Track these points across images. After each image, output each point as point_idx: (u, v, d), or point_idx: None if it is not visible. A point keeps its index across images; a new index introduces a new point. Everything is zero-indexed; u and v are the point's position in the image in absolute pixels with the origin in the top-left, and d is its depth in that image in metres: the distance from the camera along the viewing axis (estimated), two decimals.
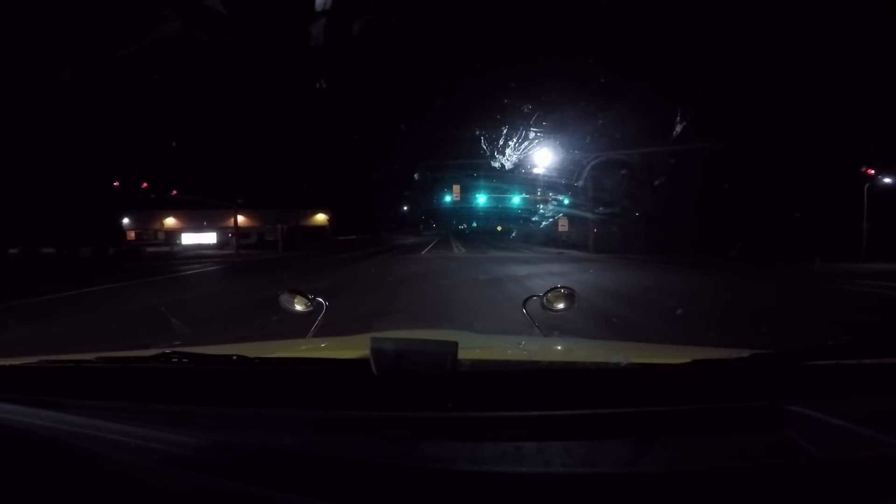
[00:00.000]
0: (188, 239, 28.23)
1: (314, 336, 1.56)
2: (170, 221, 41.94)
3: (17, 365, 0.97)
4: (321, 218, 45.87)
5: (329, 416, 0.78)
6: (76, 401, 0.83)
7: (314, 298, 1.55)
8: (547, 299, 1.53)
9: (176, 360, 0.91)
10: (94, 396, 0.87)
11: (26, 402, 0.78)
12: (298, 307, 1.54)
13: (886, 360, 0.84)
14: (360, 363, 0.80)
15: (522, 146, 22.71)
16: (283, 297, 1.55)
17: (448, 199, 25.24)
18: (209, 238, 28.57)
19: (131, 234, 33.95)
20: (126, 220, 37.85)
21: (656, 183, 20.36)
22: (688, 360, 0.85)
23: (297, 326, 1.82)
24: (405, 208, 61.51)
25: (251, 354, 0.94)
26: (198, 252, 24.90)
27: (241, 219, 41.15)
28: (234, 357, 0.94)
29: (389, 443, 0.71)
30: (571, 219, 25.64)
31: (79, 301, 8.56)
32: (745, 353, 0.85)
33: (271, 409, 0.80)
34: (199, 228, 36.46)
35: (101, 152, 22.04)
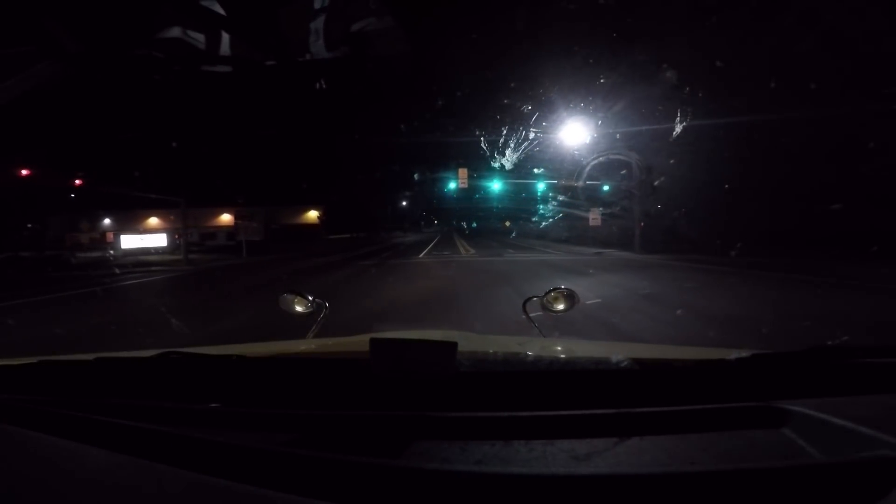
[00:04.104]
0: (129, 242, 23.17)
1: (314, 337, 1.53)
2: (153, 222, 37.84)
3: (17, 365, 0.98)
4: (312, 215, 42.17)
5: (329, 416, 0.77)
6: (77, 399, 0.83)
7: (314, 300, 1.52)
8: (547, 300, 1.51)
9: (175, 359, 0.90)
10: (94, 396, 0.87)
11: (26, 401, 0.80)
12: (299, 308, 1.51)
13: (886, 360, 0.84)
14: (359, 363, 0.80)
15: (540, 129, 18.57)
16: (284, 298, 1.52)
17: (453, 185, 20.18)
18: (158, 240, 23.57)
19: (109, 236, 29.31)
20: (108, 221, 33.36)
21: (664, 172, 15.93)
22: (688, 360, 0.88)
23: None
24: (404, 204, 57.78)
25: (251, 354, 0.95)
26: (139, 258, 20.01)
27: (227, 217, 37.24)
28: (234, 357, 0.93)
29: (389, 443, 0.71)
30: (575, 214, 21.29)
31: None
32: (745, 353, 0.84)
33: (271, 410, 0.79)
34: (189, 229, 31.78)
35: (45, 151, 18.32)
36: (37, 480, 0.57)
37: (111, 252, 21.34)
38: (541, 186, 20.63)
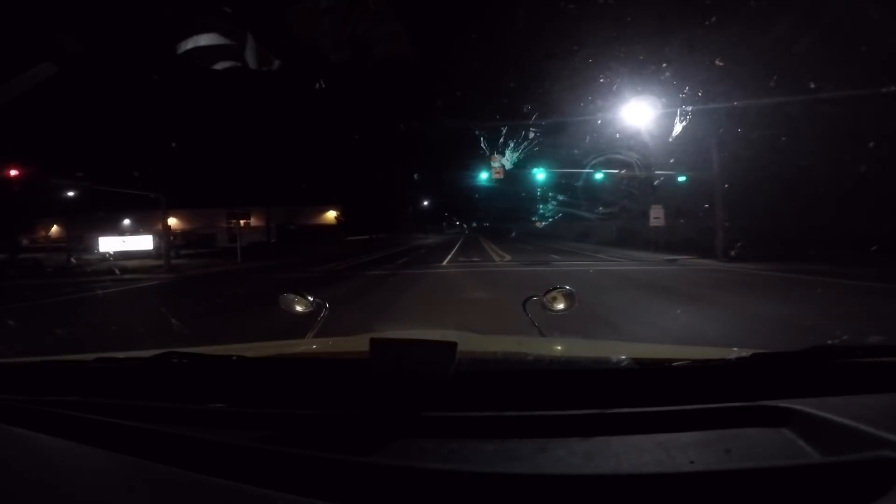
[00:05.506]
0: (108, 244, 20.60)
1: (314, 337, 1.50)
2: (171, 222, 36.07)
3: (17, 364, 1.00)
4: (331, 216, 39.94)
5: (328, 416, 0.76)
6: (77, 399, 0.83)
7: (314, 300, 1.48)
8: (547, 300, 1.46)
9: (176, 360, 0.89)
10: (93, 396, 0.86)
11: (26, 401, 0.79)
12: (299, 308, 1.48)
13: (886, 359, 0.82)
14: (359, 364, 0.79)
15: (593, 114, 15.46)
16: (284, 298, 1.49)
17: (480, 182, 16.81)
18: (143, 243, 20.94)
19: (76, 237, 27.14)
20: (127, 222, 31.49)
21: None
22: (688, 359, 0.84)
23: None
24: (425, 204, 55.47)
25: (251, 355, 0.94)
26: (113, 263, 17.32)
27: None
28: (234, 357, 0.92)
29: (388, 443, 0.70)
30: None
31: None
32: (745, 353, 0.83)
33: (271, 410, 0.79)
34: (204, 229, 31.30)
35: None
36: (37, 480, 0.57)
37: (80, 255, 18.70)
38: (597, 176, 16.85)
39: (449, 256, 18.79)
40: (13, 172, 12.09)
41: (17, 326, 6.13)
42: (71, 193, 24.99)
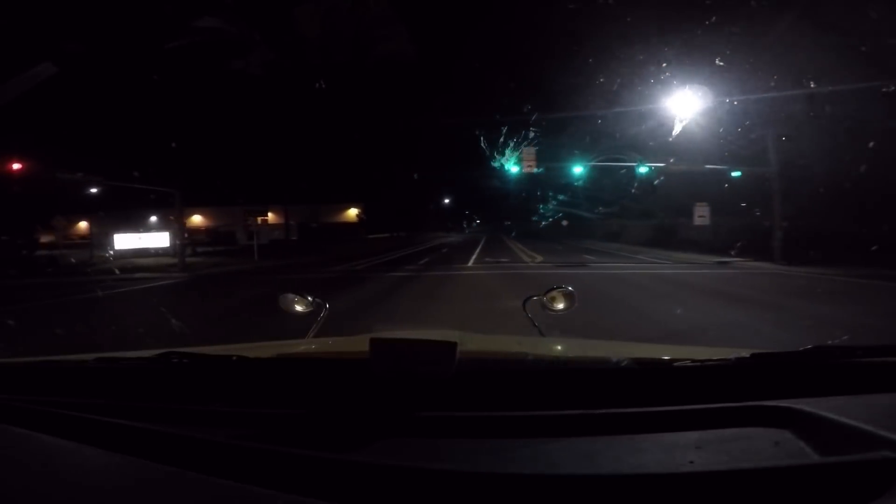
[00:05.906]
0: (124, 242, 20.19)
1: (314, 336, 1.50)
2: (195, 219, 36.13)
3: (18, 364, 0.99)
4: (352, 214, 39.68)
5: (328, 416, 0.76)
6: (76, 400, 0.82)
7: (314, 300, 1.48)
8: (547, 300, 1.46)
9: (176, 360, 0.89)
10: (94, 396, 0.86)
11: (26, 401, 0.79)
12: (299, 308, 1.48)
13: (886, 359, 0.82)
14: (359, 363, 0.79)
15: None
16: (284, 298, 1.48)
17: (517, 169, 15.49)
18: (159, 240, 20.51)
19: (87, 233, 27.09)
20: (154, 219, 31.56)
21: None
22: (688, 359, 0.84)
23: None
24: (446, 202, 54.77)
25: (251, 355, 0.94)
26: (127, 262, 16.94)
27: (269, 215, 35.34)
28: (234, 358, 0.92)
29: (388, 442, 0.70)
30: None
31: None
32: (745, 353, 0.83)
33: (271, 410, 0.79)
34: (227, 226, 31.06)
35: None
36: (37, 480, 0.58)
37: (93, 253, 18.38)
38: (641, 170, 15.36)
39: (474, 256, 17.68)
40: (16, 166, 11.56)
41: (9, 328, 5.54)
42: (94, 190, 24.95)
